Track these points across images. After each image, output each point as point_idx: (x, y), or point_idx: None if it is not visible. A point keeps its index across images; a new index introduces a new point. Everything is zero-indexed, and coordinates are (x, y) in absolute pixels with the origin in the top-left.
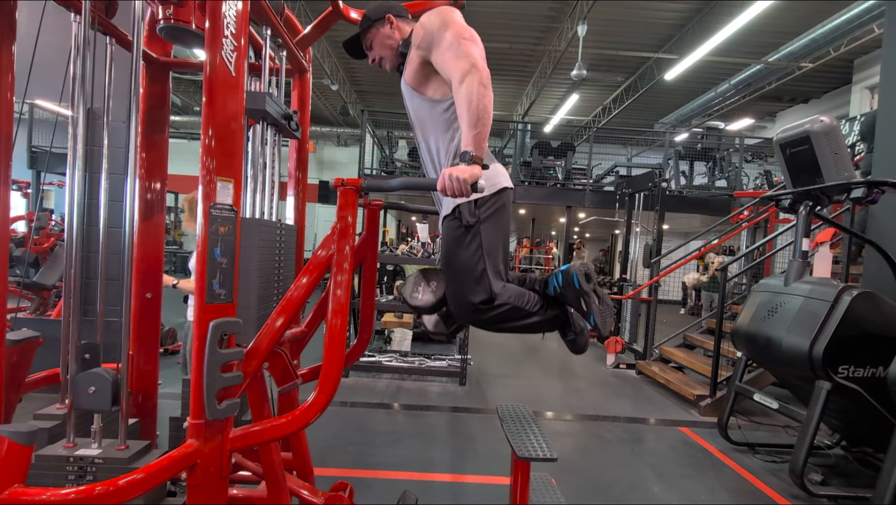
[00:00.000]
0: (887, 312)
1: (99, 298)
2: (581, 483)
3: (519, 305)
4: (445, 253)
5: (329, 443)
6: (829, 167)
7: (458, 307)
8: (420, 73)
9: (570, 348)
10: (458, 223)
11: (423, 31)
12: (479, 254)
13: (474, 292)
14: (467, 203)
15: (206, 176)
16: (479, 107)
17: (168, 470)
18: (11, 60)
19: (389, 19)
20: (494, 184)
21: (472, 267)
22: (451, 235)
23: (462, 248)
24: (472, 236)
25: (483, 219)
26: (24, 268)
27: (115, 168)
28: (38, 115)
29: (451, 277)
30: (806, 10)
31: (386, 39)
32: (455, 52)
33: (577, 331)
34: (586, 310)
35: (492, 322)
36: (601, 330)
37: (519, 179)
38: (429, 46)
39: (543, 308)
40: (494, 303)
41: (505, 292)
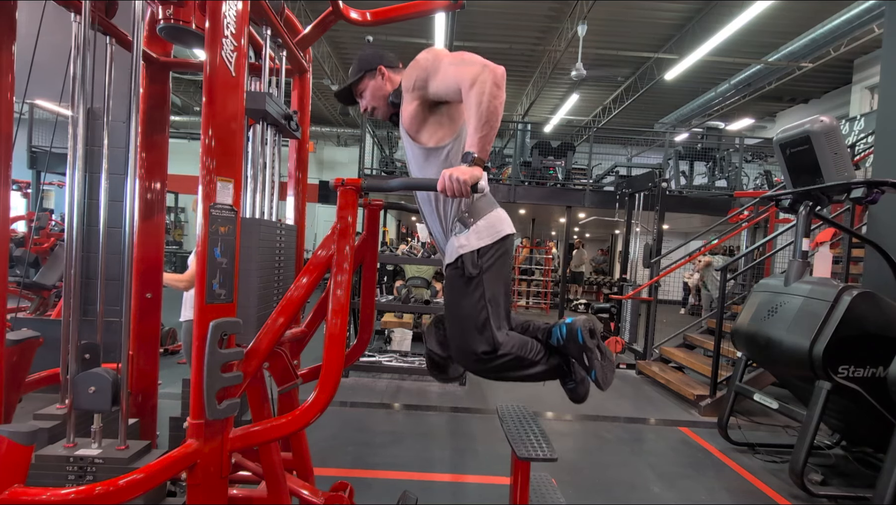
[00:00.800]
0: (887, 312)
1: (99, 298)
2: (581, 483)
3: (522, 355)
4: (448, 302)
5: (329, 443)
6: (829, 167)
7: (462, 356)
8: (418, 116)
9: (569, 397)
10: (460, 273)
11: (415, 73)
12: (482, 303)
13: (477, 342)
14: (470, 253)
15: (206, 176)
16: (490, 109)
17: (168, 470)
18: (11, 60)
19: (381, 70)
20: (497, 231)
21: (475, 316)
22: (454, 285)
23: (465, 298)
24: (475, 286)
25: (486, 268)
26: (24, 268)
27: (115, 168)
28: (38, 115)
29: (453, 326)
30: (806, 10)
31: (377, 91)
32: (459, 63)
33: (577, 380)
34: (588, 365)
35: (494, 371)
36: (602, 385)
37: (519, 179)
38: (426, 79)
39: (546, 357)
40: (498, 353)
41: (508, 341)
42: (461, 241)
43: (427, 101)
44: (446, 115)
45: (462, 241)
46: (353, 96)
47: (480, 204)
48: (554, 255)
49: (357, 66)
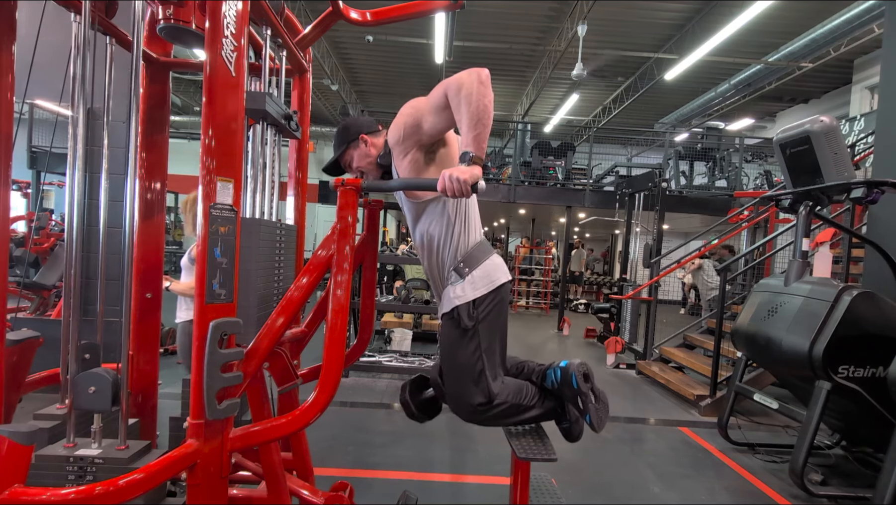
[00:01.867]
0: (887, 312)
1: (99, 298)
2: (581, 483)
3: (517, 403)
4: (444, 352)
5: (329, 443)
6: (829, 167)
7: (458, 407)
8: (416, 165)
9: (564, 436)
10: (455, 324)
11: (402, 122)
12: (477, 354)
13: (473, 394)
14: (465, 304)
15: (206, 176)
16: (479, 106)
17: (168, 470)
18: (11, 60)
19: (363, 139)
20: (493, 280)
21: (470, 367)
22: (450, 336)
23: (460, 349)
24: (471, 338)
25: (481, 318)
26: (24, 268)
27: (115, 168)
28: (38, 115)
29: (449, 376)
30: (806, 10)
31: (363, 158)
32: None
33: (571, 420)
34: (583, 409)
35: (491, 420)
36: (596, 429)
37: (519, 179)
38: (416, 121)
39: (541, 401)
40: (493, 403)
41: (504, 390)
42: (457, 292)
43: (423, 147)
44: (441, 164)
45: (458, 292)
46: (342, 167)
47: (475, 252)
48: (554, 255)
49: (339, 140)
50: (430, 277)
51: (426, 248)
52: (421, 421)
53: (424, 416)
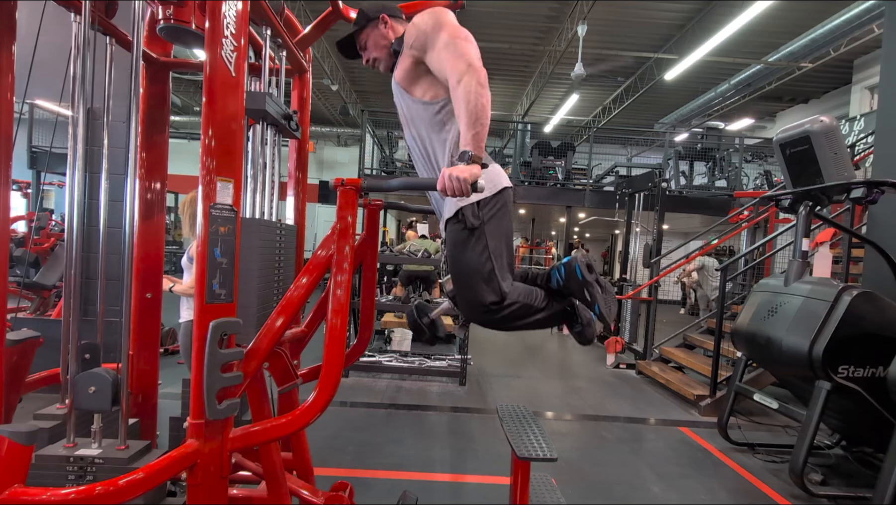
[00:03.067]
0: (887, 312)
1: (99, 298)
2: (581, 483)
3: (528, 303)
4: (451, 257)
5: (329, 443)
6: (828, 167)
7: (470, 309)
8: (412, 73)
9: (577, 340)
10: (462, 226)
11: (416, 31)
12: (486, 255)
13: (485, 293)
14: (470, 205)
15: (206, 176)
16: (478, 106)
17: (168, 470)
18: (11, 60)
19: (384, 19)
20: (495, 184)
21: (480, 268)
22: (456, 239)
23: (469, 251)
24: (478, 238)
25: (487, 220)
26: (24, 268)
27: (115, 168)
28: (38, 115)
29: (459, 281)
30: (806, 10)
31: (380, 39)
32: (452, 51)
33: (583, 322)
34: (590, 300)
35: (503, 321)
36: (607, 318)
37: (519, 179)
38: (422, 46)
39: (550, 303)
40: (505, 302)
41: (514, 291)
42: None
43: (422, 63)
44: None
45: None
46: (356, 48)
47: None
48: (554, 255)
49: (360, 16)
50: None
51: (425, 154)
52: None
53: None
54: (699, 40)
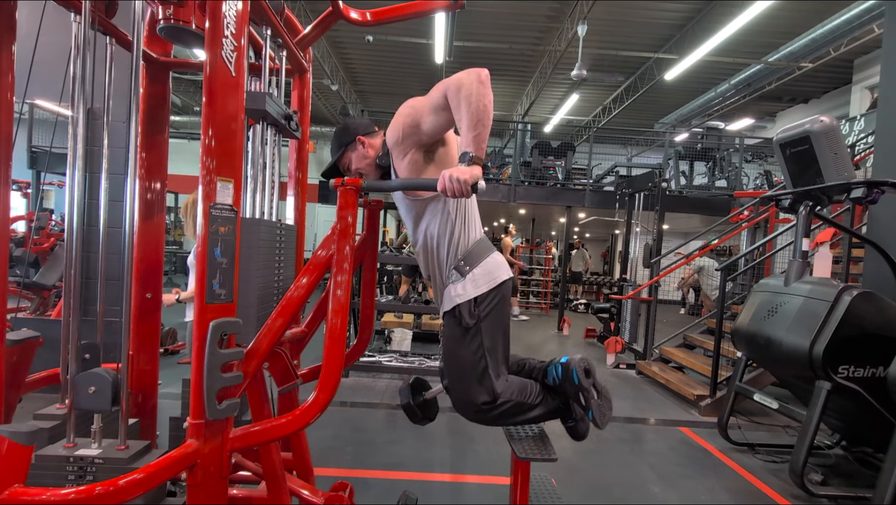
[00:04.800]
0: (887, 312)
1: (99, 298)
2: (581, 483)
3: (521, 401)
4: (446, 352)
5: (329, 443)
6: (829, 167)
7: (462, 407)
8: (416, 165)
9: (570, 435)
10: (457, 322)
11: (400, 122)
12: (480, 353)
13: (477, 393)
14: (467, 302)
15: (206, 176)
16: (479, 107)
17: (168, 470)
18: (11, 60)
19: (360, 140)
20: (494, 277)
21: (473, 366)
22: (452, 335)
23: (463, 348)
24: (473, 336)
25: (483, 316)
26: (24, 268)
27: (115, 168)
28: (38, 115)
29: (452, 374)
30: (806, 10)
31: (361, 159)
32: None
33: (577, 418)
34: (585, 405)
35: (496, 420)
36: (599, 424)
37: (519, 179)
38: (414, 121)
39: (544, 399)
40: (497, 402)
41: (508, 389)
42: (458, 291)
43: (422, 148)
44: (440, 164)
45: (458, 291)
46: (340, 170)
47: (476, 250)
48: (554, 255)
49: (336, 143)
50: (430, 277)
51: (426, 248)
52: (424, 424)
53: (427, 418)
54: (699, 40)
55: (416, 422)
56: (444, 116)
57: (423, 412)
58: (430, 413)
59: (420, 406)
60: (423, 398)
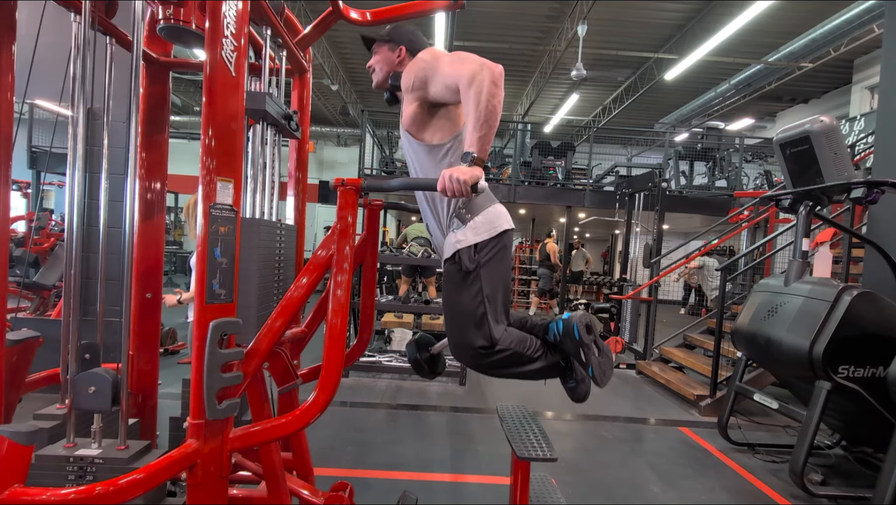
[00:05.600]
0: (887, 312)
1: (99, 298)
2: (581, 483)
3: (520, 351)
4: (445, 297)
5: (329, 443)
6: (829, 167)
7: (459, 351)
8: (418, 117)
9: (570, 396)
10: (457, 267)
11: (413, 73)
12: (479, 298)
13: (474, 337)
14: (467, 248)
15: (206, 176)
16: (488, 107)
17: (168, 470)
18: (11, 60)
19: (401, 51)
20: (495, 227)
21: (472, 312)
22: (452, 280)
23: (462, 293)
24: (472, 281)
25: (483, 263)
26: (24, 268)
27: (115, 168)
28: (38, 115)
29: (451, 321)
30: (806, 10)
31: (387, 63)
32: (458, 61)
33: (577, 378)
34: (585, 361)
35: (493, 367)
36: (600, 382)
37: (519, 179)
38: (424, 80)
39: (544, 354)
40: (495, 348)
41: (506, 337)
42: (458, 237)
43: (427, 103)
44: (445, 117)
45: (459, 237)
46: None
47: (478, 200)
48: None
49: (389, 31)
50: (431, 229)
51: (428, 195)
52: (431, 377)
53: (434, 372)
54: (699, 40)
55: (423, 375)
56: (451, 95)
57: (430, 366)
58: (437, 367)
59: (427, 361)
60: (429, 353)
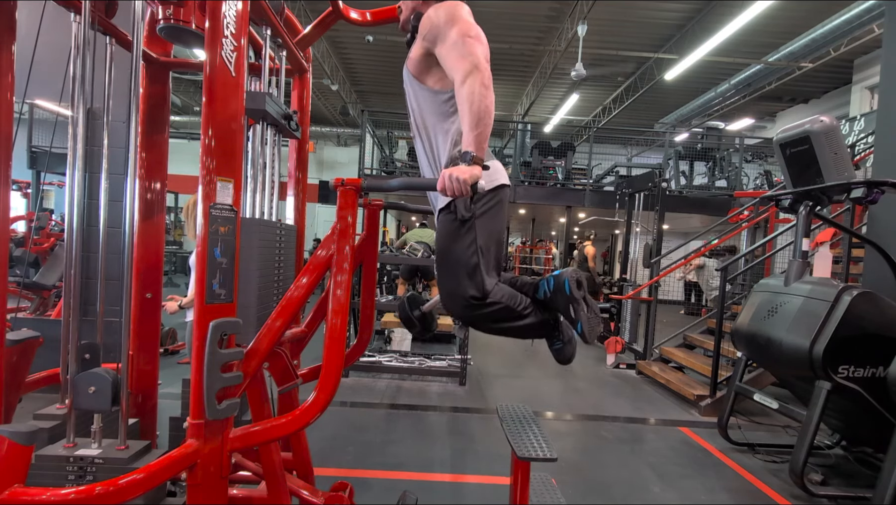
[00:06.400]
0: (887, 312)
1: (99, 298)
2: (581, 483)
3: (511, 306)
4: (439, 246)
5: (329, 443)
6: (829, 167)
7: (451, 301)
8: (423, 62)
9: (555, 357)
10: (453, 217)
11: (429, 23)
12: (472, 248)
13: (467, 287)
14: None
15: (206, 176)
16: (481, 108)
17: (168, 470)
18: (11, 60)
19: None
20: (492, 180)
21: (465, 261)
22: (446, 229)
23: (456, 242)
24: (468, 230)
25: (479, 214)
26: (24, 268)
27: (115, 168)
28: (38, 115)
29: (443, 270)
30: (806, 10)
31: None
32: (459, 50)
33: (564, 340)
34: (574, 317)
35: (482, 319)
36: (587, 338)
37: (519, 179)
38: (433, 39)
39: (534, 311)
40: (487, 300)
41: (498, 291)
42: None
43: (432, 54)
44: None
45: None
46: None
47: None
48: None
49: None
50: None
51: (425, 135)
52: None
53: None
54: (699, 40)
55: (415, 334)
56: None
57: (422, 324)
58: (429, 326)
59: (419, 319)
60: (420, 311)
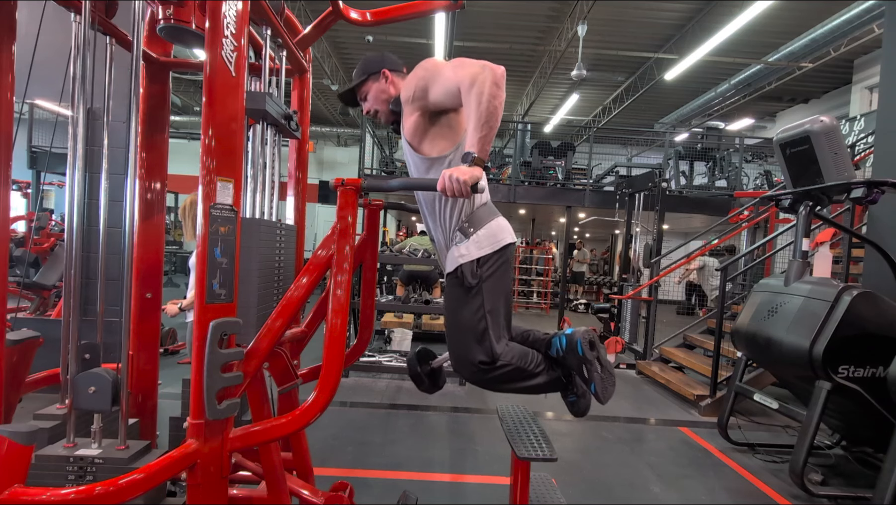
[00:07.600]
0: (887, 312)
1: (99, 298)
2: (581, 483)
3: (521, 366)
4: (447, 311)
5: (329, 443)
6: (829, 167)
7: (460, 366)
8: (419, 128)
9: (570, 410)
10: (459, 282)
11: (414, 82)
12: (480, 313)
13: (476, 352)
14: (469, 263)
15: (206, 176)
16: (490, 108)
17: (168, 470)
18: (11, 60)
19: (385, 73)
20: (498, 240)
21: (473, 326)
22: (453, 294)
23: (463, 308)
24: (474, 296)
25: (485, 278)
26: (24, 268)
27: (115, 168)
28: (38, 115)
29: (452, 335)
30: (806, 10)
31: (380, 94)
32: (459, 65)
33: (578, 393)
34: (588, 378)
35: (493, 382)
36: (601, 399)
37: (519, 179)
38: (425, 88)
39: (546, 369)
40: (497, 363)
41: (508, 352)
42: (461, 251)
43: (428, 112)
44: (447, 125)
45: (462, 251)
46: (356, 98)
47: (480, 213)
48: (554, 254)
49: (361, 69)
50: (435, 241)
51: (431, 207)
52: (431, 392)
53: (434, 386)
54: (699, 40)
55: (423, 389)
56: (452, 100)
57: (431, 380)
58: (437, 381)
59: (427, 374)
60: (429, 367)
